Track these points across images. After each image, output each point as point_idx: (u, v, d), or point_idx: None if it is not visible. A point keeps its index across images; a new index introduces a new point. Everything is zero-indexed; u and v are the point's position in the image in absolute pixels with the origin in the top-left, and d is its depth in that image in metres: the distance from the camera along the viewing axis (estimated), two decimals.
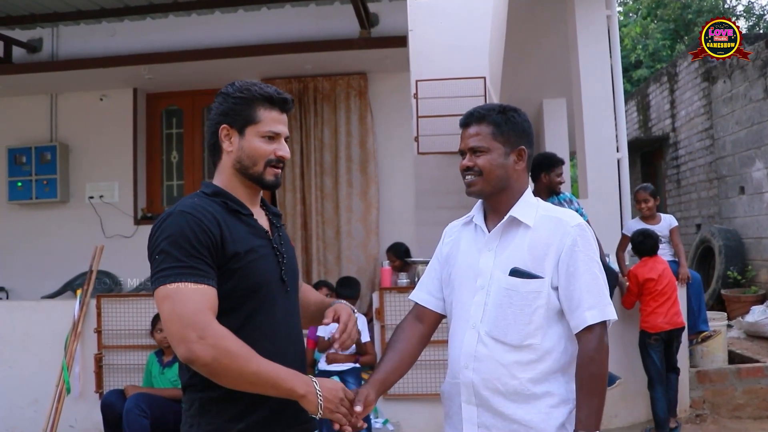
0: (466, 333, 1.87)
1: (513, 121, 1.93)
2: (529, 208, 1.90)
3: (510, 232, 1.89)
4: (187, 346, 1.52)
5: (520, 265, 1.82)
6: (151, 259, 1.64)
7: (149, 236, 1.68)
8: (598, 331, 1.78)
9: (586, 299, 1.78)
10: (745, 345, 6.51)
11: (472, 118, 1.94)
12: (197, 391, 1.66)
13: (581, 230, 1.84)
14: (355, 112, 6.47)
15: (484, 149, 1.89)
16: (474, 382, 1.83)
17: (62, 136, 6.78)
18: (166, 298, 1.56)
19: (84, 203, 6.68)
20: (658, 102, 11.20)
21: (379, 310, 4.87)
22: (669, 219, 5.46)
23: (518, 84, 8.81)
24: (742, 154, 8.24)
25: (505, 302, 1.82)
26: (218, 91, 1.79)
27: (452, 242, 2.04)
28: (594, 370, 1.76)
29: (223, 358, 1.52)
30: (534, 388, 1.79)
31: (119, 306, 5.11)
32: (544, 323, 1.81)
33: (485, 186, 1.90)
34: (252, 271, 1.68)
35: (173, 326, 1.55)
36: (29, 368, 5.16)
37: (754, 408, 5.02)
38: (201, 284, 1.58)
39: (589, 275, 1.80)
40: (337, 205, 6.44)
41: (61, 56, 6.38)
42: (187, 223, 1.61)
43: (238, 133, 1.74)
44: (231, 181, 1.76)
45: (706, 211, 9.41)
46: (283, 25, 6.06)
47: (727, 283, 7.94)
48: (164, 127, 7.04)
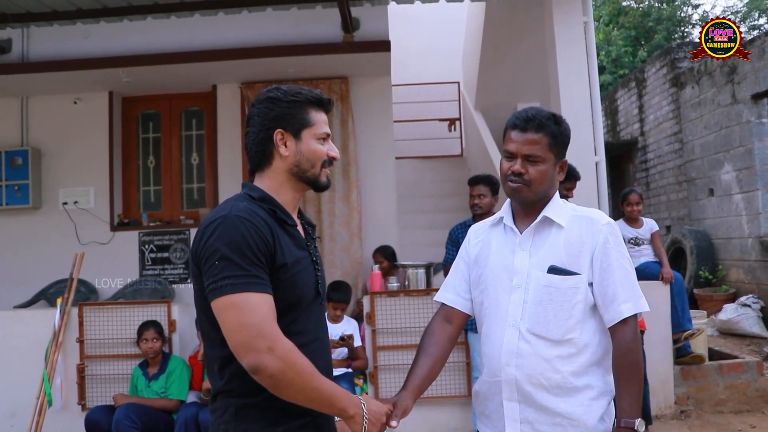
0: (506, 331, 1.89)
1: (565, 134, 1.95)
2: (560, 208, 1.95)
3: (543, 231, 1.93)
4: (257, 357, 1.51)
5: (557, 263, 1.86)
6: (206, 263, 1.59)
7: (198, 239, 1.63)
8: (632, 323, 1.85)
9: (621, 293, 1.84)
10: (720, 342, 6.70)
11: (532, 124, 1.91)
12: (233, 397, 1.64)
13: (611, 228, 1.91)
14: (336, 116, 6.44)
15: (540, 159, 1.90)
16: (517, 379, 1.86)
17: (34, 140, 6.57)
18: (232, 307, 1.54)
19: (58, 209, 6.49)
20: (626, 107, 11.44)
21: (370, 315, 4.86)
22: (651, 223, 5.62)
23: (493, 88, 8.91)
24: (711, 157, 8.47)
25: (545, 299, 1.85)
26: (259, 98, 1.77)
27: (481, 243, 2.06)
28: (633, 359, 1.83)
29: (290, 372, 1.53)
30: (575, 381, 1.84)
31: (102, 315, 4.98)
32: (582, 318, 1.86)
33: (530, 195, 1.92)
34: (296, 283, 1.68)
35: (241, 336, 1.53)
36: (7, 380, 4.99)
37: (735, 402, 5.16)
38: (264, 293, 1.58)
39: (621, 270, 1.87)
40: (319, 209, 6.40)
41: (31, 58, 6.17)
42: (246, 228, 1.59)
43: (294, 137, 1.74)
44: (281, 186, 1.76)
45: (676, 213, 9.65)
46: (264, 28, 5.99)
47: (699, 283, 8.15)
48: (141, 131, 6.88)
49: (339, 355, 4.73)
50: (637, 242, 5.56)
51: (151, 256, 6.51)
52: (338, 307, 4.84)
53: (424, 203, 8.64)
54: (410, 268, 5.06)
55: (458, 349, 4.66)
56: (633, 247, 5.56)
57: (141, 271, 6.49)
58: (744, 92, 7.67)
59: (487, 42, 7.98)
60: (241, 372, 1.58)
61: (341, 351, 4.73)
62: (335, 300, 4.82)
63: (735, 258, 8.01)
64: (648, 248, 5.56)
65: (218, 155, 6.55)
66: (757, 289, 7.50)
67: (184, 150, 6.87)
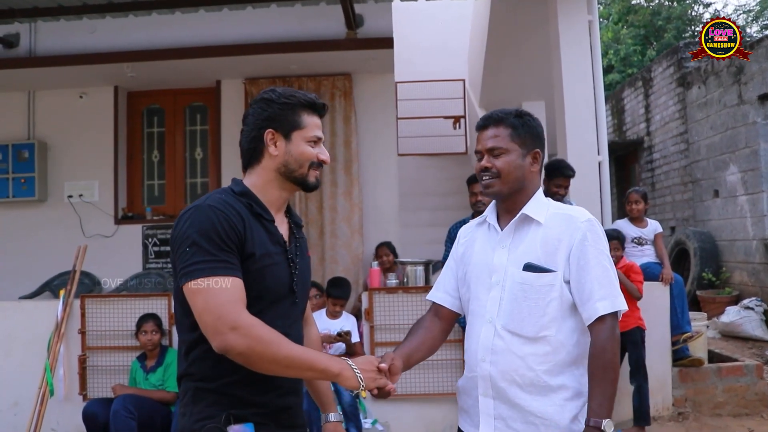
0: (483, 327, 1.93)
1: (529, 124, 1.99)
2: (540, 206, 1.96)
3: (522, 229, 1.95)
4: (221, 338, 1.58)
5: (533, 261, 1.88)
6: (177, 250, 1.67)
7: (174, 226, 1.72)
8: (609, 321, 1.84)
9: (597, 291, 1.84)
10: (721, 344, 6.68)
11: (490, 121, 1.99)
12: (192, 381, 1.72)
13: (591, 225, 1.91)
14: (339, 113, 6.48)
15: (503, 150, 1.94)
16: (491, 375, 1.88)
17: (40, 134, 6.65)
18: (198, 292, 1.62)
19: (63, 202, 6.57)
20: (632, 106, 11.39)
21: (368, 311, 4.87)
22: (655, 224, 5.63)
23: (498, 86, 8.89)
24: (716, 158, 8.43)
25: (520, 296, 1.88)
26: (256, 98, 1.85)
27: (467, 242, 2.11)
28: (607, 359, 1.81)
29: (257, 346, 1.58)
30: (549, 380, 1.84)
31: (103, 306, 5.03)
32: (558, 316, 1.86)
33: (503, 187, 1.95)
34: (263, 276, 1.72)
35: (207, 319, 1.60)
36: (9, 370, 5.04)
37: (733, 406, 5.14)
38: (231, 276, 1.63)
39: (599, 268, 1.86)
40: (321, 205, 6.44)
41: (39, 52, 6.25)
42: (217, 217, 1.66)
43: (284, 138, 1.80)
44: (268, 183, 1.81)
45: (681, 214, 9.61)
46: (267, 24, 6.02)
47: (702, 285, 8.12)
48: (145, 126, 6.95)
49: (337, 350, 4.75)
50: (641, 242, 5.56)
51: (155, 249, 6.57)
52: (337, 303, 4.86)
53: (427, 200, 8.65)
54: (409, 265, 5.07)
55: (454, 347, 4.67)
56: (636, 247, 5.56)
57: (144, 264, 6.56)
58: (750, 93, 7.63)
59: (491, 40, 7.96)
60: (202, 357, 1.67)
61: (339, 346, 4.76)
62: (334, 296, 4.84)
63: (739, 260, 7.98)
64: (651, 248, 5.56)
65: (222, 150, 6.60)
66: (761, 292, 7.47)
67: (188, 145, 6.93)
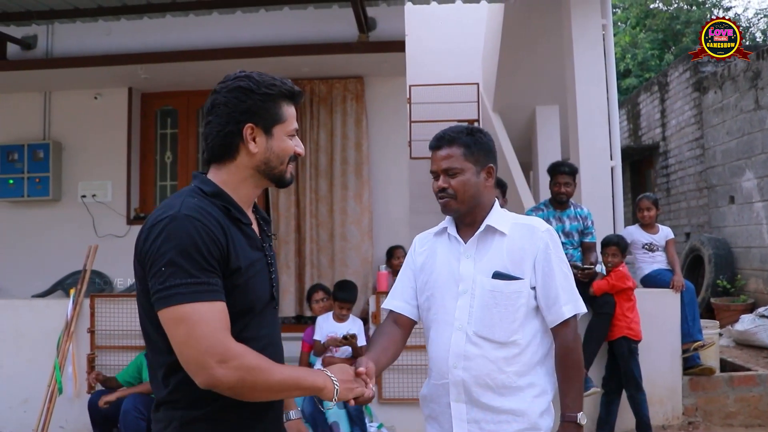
0: (453, 335, 1.98)
1: (481, 141, 2.05)
2: (501, 217, 2.06)
3: (486, 240, 2.03)
4: (208, 372, 1.42)
5: (501, 269, 1.97)
6: (150, 267, 1.47)
7: (144, 238, 1.51)
8: (573, 323, 1.99)
9: (562, 296, 1.97)
10: (735, 353, 6.59)
11: (443, 141, 2.05)
12: (178, 409, 1.52)
13: (551, 234, 2.03)
14: (351, 116, 6.47)
15: (458, 170, 2.01)
16: (464, 380, 1.95)
17: (55, 134, 6.72)
18: (180, 321, 1.43)
19: (76, 202, 6.62)
20: (648, 111, 11.30)
21: (376, 314, 4.87)
22: (667, 230, 5.56)
23: (512, 90, 8.87)
24: (732, 163, 8.33)
25: (491, 303, 1.95)
26: (229, 85, 1.62)
27: (427, 252, 2.15)
28: (574, 358, 1.98)
29: (249, 377, 1.45)
30: (519, 380, 1.95)
31: (113, 306, 5.08)
32: (524, 320, 1.97)
33: (460, 206, 2.02)
34: (249, 289, 1.58)
35: (190, 351, 1.43)
36: (20, 368, 5.11)
37: (745, 416, 5.06)
38: (215, 301, 1.46)
39: (561, 274, 1.99)
40: (331, 207, 6.43)
41: (55, 54, 6.33)
42: (197, 230, 1.47)
43: (264, 133, 1.62)
44: (243, 182, 1.64)
45: (696, 220, 9.51)
46: (280, 27, 6.04)
47: (717, 292, 8.02)
48: (159, 127, 6.99)
49: (343, 353, 4.75)
50: (652, 248, 5.49)
51: None
52: (344, 307, 4.85)
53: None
54: None
55: None
56: (647, 253, 5.49)
57: None
58: (767, 98, 7.53)
59: (505, 44, 7.95)
60: (189, 381, 1.46)
61: (345, 350, 4.75)
62: (341, 299, 4.83)
63: (754, 267, 7.87)
64: (662, 255, 5.48)
65: None
66: None
67: (200, 146, 6.92)
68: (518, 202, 7.16)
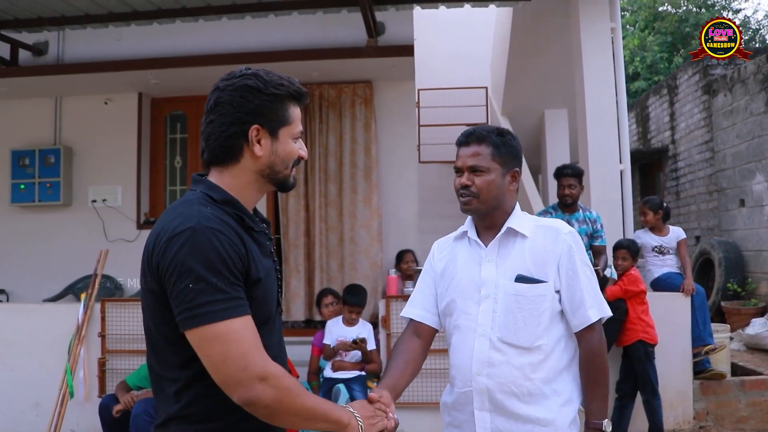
0: (476, 341, 1.93)
1: (510, 144, 2.00)
2: (523, 220, 2.01)
3: (507, 243, 1.98)
4: (247, 390, 1.38)
5: (524, 272, 1.92)
6: (174, 283, 1.39)
7: (162, 251, 1.42)
8: (597, 327, 1.94)
9: (587, 299, 1.92)
10: (746, 357, 6.54)
11: (471, 138, 2.00)
12: (191, 423, 1.46)
13: (574, 236, 1.98)
14: (360, 120, 6.49)
15: (484, 169, 1.96)
16: (489, 388, 1.89)
17: (66, 139, 6.77)
18: (214, 340, 1.37)
19: (87, 207, 6.66)
20: (657, 114, 11.26)
21: (385, 318, 4.88)
22: (677, 231, 5.53)
23: (520, 94, 8.86)
24: (742, 167, 8.29)
25: (515, 307, 1.90)
26: (234, 83, 1.53)
27: (447, 257, 2.10)
28: (599, 363, 1.93)
29: (285, 398, 1.42)
30: (544, 387, 1.89)
31: (123, 310, 5.10)
32: (548, 325, 1.91)
33: (480, 206, 1.97)
34: (267, 298, 1.54)
35: (228, 371, 1.38)
36: (31, 371, 5.14)
37: (757, 420, 5.03)
38: (246, 315, 1.41)
39: (586, 277, 1.94)
40: (340, 211, 6.45)
41: (66, 60, 6.39)
42: (221, 243, 1.40)
43: (270, 135, 1.55)
44: (247, 186, 1.57)
45: (706, 223, 9.46)
46: (290, 32, 6.07)
47: (727, 296, 7.97)
48: (168, 131, 7.04)
49: (353, 357, 4.76)
50: (662, 251, 5.46)
51: None
52: (353, 311, 4.86)
53: (448, 208, 8.59)
54: None
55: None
56: (657, 256, 5.46)
57: None
58: None
59: (514, 47, 7.95)
60: (203, 395, 1.44)
61: (355, 354, 4.76)
62: (351, 303, 4.84)
63: (765, 271, 7.83)
64: (673, 258, 5.45)
65: None
66: None
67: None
68: (527, 205, 7.15)
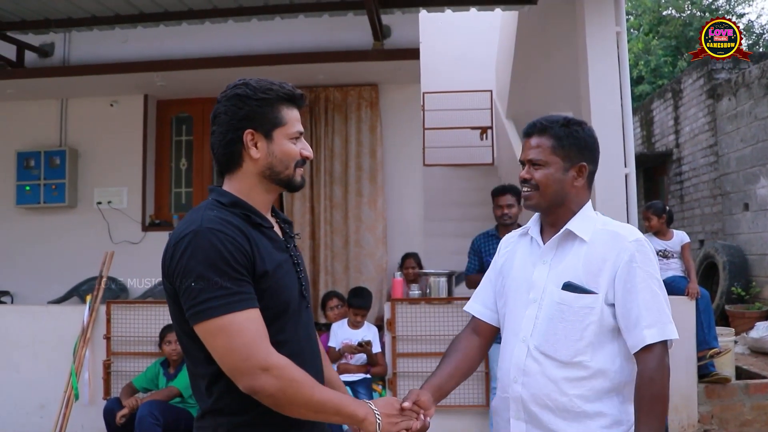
0: (516, 346, 1.83)
1: (575, 135, 1.85)
2: (586, 222, 1.85)
3: (566, 245, 1.85)
4: (251, 378, 1.46)
5: (574, 280, 1.78)
6: (180, 284, 1.50)
7: (170, 256, 1.53)
8: (658, 350, 1.71)
9: (644, 317, 1.71)
10: (750, 361, 6.54)
11: (534, 129, 1.88)
12: (224, 416, 1.56)
13: (639, 245, 1.77)
14: (365, 123, 6.49)
15: (542, 163, 1.84)
16: (523, 397, 1.80)
17: (72, 141, 6.78)
18: (219, 332, 1.46)
19: (92, 208, 6.67)
20: (661, 118, 11.26)
21: (390, 321, 4.87)
22: (681, 235, 5.54)
23: (525, 97, 8.86)
24: (746, 171, 8.29)
25: (557, 316, 1.77)
26: (227, 93, 1.65)
27: (508, 254, 2.02)
28: (655, 391, 1.68)
29: (289, 389, 1.48)
30: (585, 405, 1.74)
31: (129, 312, 5.10)
32: (595, 340, 1.75)
33: (541, 200, 1.86)
34: (280, 289, 1.59)
35: (232, 360, 1.47)
36: (36, 373, 5.15)
37: (762, 424, 5.03)
38: (250, 309, 1.49)
39: (648, 292, 1.73)
40: (346, 214, 6.45)
41: (72, 61, 6.38)
42: (221, 241, 1.49)
43: (265, 138, 1.63)
44: (253, 189, 1.65)
45: (710, 227, 9.46)
46: (295, 35, 6.08)
47: (731, 299, 7.97)
48: (174, 134, 7.05)
49: (358, 360, 4.76)
50: (666, 255, 5.47)
51: None
52: (359, 313, 4.87)
53: (453, 211, 8.64)
54: (432, 276, 5.06)
55: None
56: (661, 260, 5.46)
57: None
58: None
59: (519, 51, 7.95)
60: (231, 389, 1.51)
61: (360, 356, 4.76)
62: (356, 306, 4.85)
63: None
64: (677, 262, 5.47)
65: None
66: None
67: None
68: None
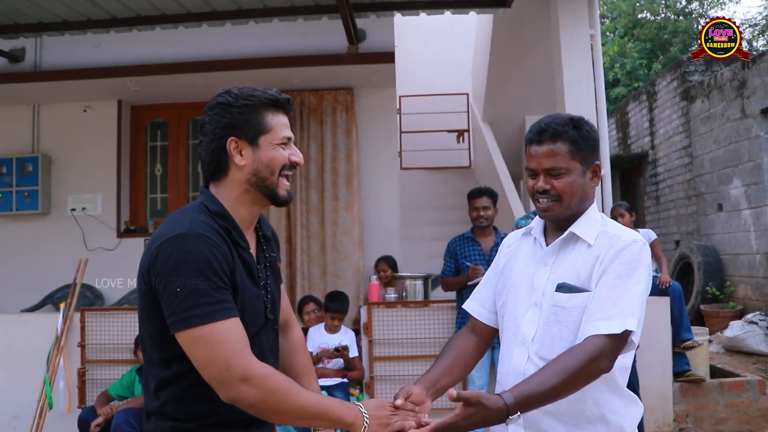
0: (516, 349, 1.77)
1: (588, 136, 1.74)
2: (591, 224, 1.75)
3: (568, 248, 1.77)
4: (230, 389, 1.45)
5: (569, 281, 1.71)
6: (164, 286, 1.47)
7: (154, 255, 1.50)
8: (603, 342, 1.56)
9: (607, 307, 1.60)
10: (725, 359, 6.63)
11: (545, 135, 1.74)
12: (168, 420, 1.55)
13: (632, 245, 1.67)
14: (341, 127, 6.49)
15: (563, 170, 1.72)
16: None
17: (44, 148, 6.70)
18: (198, 341, 1.45)
19: (66, 215, 6.59)
20: (637, 120, 11.39)
21: (367, 325, 4.87)
22: (647, 233, 5.61)
23: (501, 100, 8.91)
24: (720, 171, 8.41)
25: (552, 319, 1.71)
26: (210, 103, 1.64)
27: (510, 254, 1.94)
28: (569, 365, 1.54)
29: (270, 398, 1.47)
30: (586, 410, 1.68)
31: (103, 320, 5.04)
32: None
33: (564, 211, 1.74)
34: (244, 311, 1.57)
35: (212, 369, 1.46)
36: (10, 383, 5.05)
37: (735, 421, 5.10)
38: (231, 318, 1.49)
39: (621, 287, 1.62)
40: (322, 219, 6.44)
41: (44, 67, 6.29)
42: (209, 249, 1.48)
43: (250, 145, 1.60)
44: (239, 198, 1.63)
45: (685, 228, 9.58)
46: (270, 39, 6.05)
47: (706, 299, 8.08)
48: (149, 139, 6.99)
49: (335, 365, 4.75)
50: None
51: None
52: (335, 317, 4.86)
53: (430, 215, 8.65)
54: (408, 279, 5.07)
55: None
56: None
57: None
58: (753, 107, 7.62)
59: (494, 54, 8.00)
60: (178, 397, 1.52)
61: (337, 361, 4.75)
62: (332, 310, 4.84)
63: (743, 274, 7.94)
64: None
65: None
66: (765, 306, 7.42)
67: (191, 158, 6.95)
68: (508, 210, 7.18)
